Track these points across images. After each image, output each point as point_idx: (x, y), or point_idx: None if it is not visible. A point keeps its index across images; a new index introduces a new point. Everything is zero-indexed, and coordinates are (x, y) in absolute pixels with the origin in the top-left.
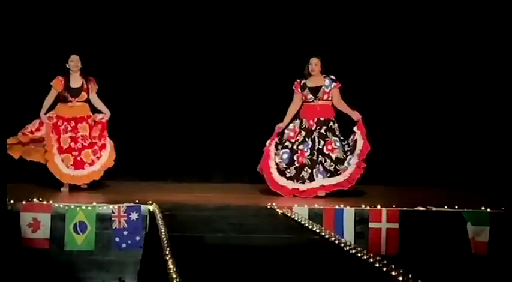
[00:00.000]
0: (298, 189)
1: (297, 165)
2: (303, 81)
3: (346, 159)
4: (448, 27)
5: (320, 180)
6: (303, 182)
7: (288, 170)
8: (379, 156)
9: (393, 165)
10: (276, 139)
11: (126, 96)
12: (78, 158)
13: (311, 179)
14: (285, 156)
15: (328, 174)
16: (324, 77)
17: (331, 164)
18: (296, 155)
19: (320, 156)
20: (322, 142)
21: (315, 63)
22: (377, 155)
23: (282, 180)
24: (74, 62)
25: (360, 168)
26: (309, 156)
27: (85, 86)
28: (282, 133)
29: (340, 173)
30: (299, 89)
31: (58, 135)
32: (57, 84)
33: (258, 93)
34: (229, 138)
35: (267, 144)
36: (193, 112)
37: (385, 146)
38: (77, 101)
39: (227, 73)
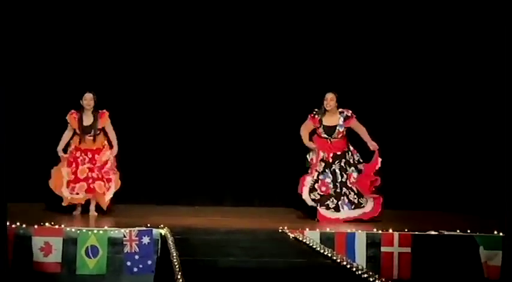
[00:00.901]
0: (330, 217)
1: (321, 193)
2: (319, 117)
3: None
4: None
5: (347, 212)
6: (328, 209)
7: (313, 194)
8: (391, 181)
9: (404, 189)
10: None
11: (138, 119)
12: (92, 186)
13: (337, 209)
14: (309, 178)
15: (353, 207)
16: (340, 113)
17: (355, 196)
18: (317, 184)
19: (344, 188)
20: (344, 175)
21: (330, 98)
22: (388, 179)
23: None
24: (87, 101)
25: (378, 201)
26: (333, 189)
27: (96, 123)
28: None
29: (363, 206)
30: (315, 123)
31: (76, 166)
32: (71, 121)
33: (270, 118)
34: (240, 162)
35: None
36: (205, 137)
37: (397, 170)
38: (89, 137)
39: (239, 99)
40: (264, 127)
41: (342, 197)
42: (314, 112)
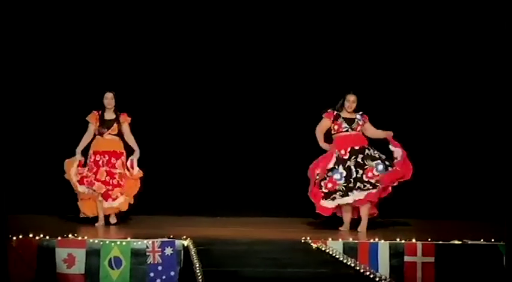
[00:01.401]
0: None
1: (325, 190)
2: (336, 112)
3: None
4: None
5: (355, 195)
6: (333, 200)
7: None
8: (413, 190)
9: (427, 199)
10: None
11: (160, 129)
12: (109, 192)
13: (344, 195)
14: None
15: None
16: (355, 113)
17: (370, 186)
18: (324, 181)
19: (359, 183)
20: (360, 171)
21: (353, 100)
22: (410, 188)
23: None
24: (108, 100)
25: (393, 173)
26: (344, 184)
27: (117, 118)
28: None
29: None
30: (331, 118)
31: (97, 168)
32: (92, 118)
33: (294, 130)
34: (263, 173)
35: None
36: (227, 147)
37: (420, 180)
38: (109, 134)
39: (261, 110)
40: (288, 138)
41: (355, 191)
42: (328, 110)
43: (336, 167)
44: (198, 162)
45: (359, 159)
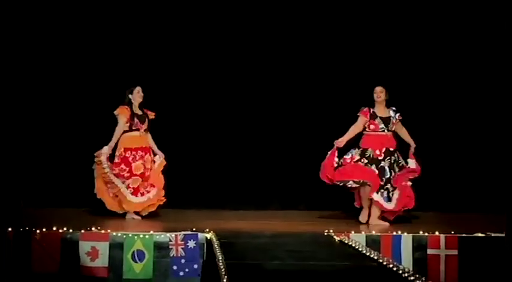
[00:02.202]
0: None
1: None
2: (372, 110)
3: None
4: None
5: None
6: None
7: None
8: (435, 183)
9: (450, 191)
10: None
11: (184, 124)
12: (141, 189)
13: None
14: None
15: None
16: (388, 108)
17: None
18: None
19: (389, 184)
20: (393, 173)
21: (380, 90)
22: (432, 181)
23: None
24: (140, 93)
25: (405, 188)
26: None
27: (146, 114)
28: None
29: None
30: (368, 117)
31: (129, 166)
32: (123, 112)
33: (315, 121)
34: (286, 166)
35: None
36: (251, 141)
37: (443, 172)
38: (144, 129)
39: (284, 103)
40: (310, 132)
41: (383, 191)
42: (364, 108)
43: (369, 166)
44: (221, 156)
45: (392, 161)
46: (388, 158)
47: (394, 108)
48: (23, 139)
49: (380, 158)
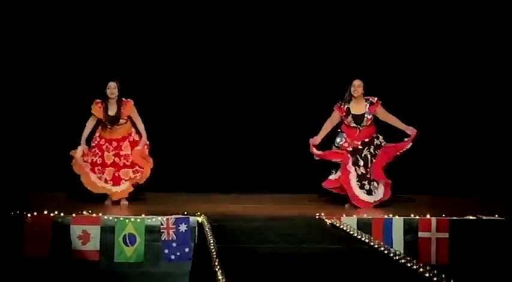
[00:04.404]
0: (369, 202)
1: (358, 173)
2: (346, 106)
3: None
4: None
5: (376, 196)
6: (367, 194)
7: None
8: (426, 166)
9: (441, 174)
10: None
11: (174, 108)
12: (116, 174)
13: (369, 193)
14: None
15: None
16: (366, 101)
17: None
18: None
19: (369, 174)
20: (374, 160)
21: (358, 85)
22: (424, 164)
23: (360, 194)
24: (111, 89)
25: (388, 186)
26: (365, 172)
27: (120, 112)
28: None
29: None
30: (342, 113)
31: (101, 152)
32: (96, 110)
33: (306, 106)
34: (276, 150)
35: (316, 156)
36: (241, 124)
37: (433, 155)
38: (116, 126)
39: (275, 87)
40: (301, 116)
41: (372, 182)
42: (339, 103)
43: (356, 155)
44: (213, 139)
45: (371, 150)
46: (367, 147)
47: (371, 100)
48: (14, 123)
49: (359, 147)
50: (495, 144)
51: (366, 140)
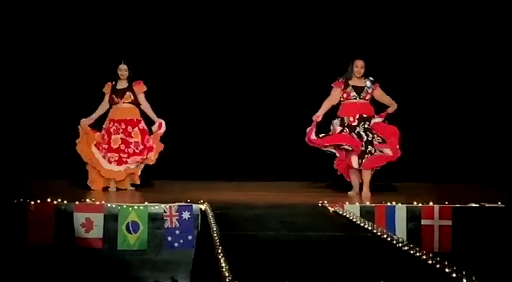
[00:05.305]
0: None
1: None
2: (345, 80)
3: None
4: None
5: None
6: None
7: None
8: (429, 153)
9: (444, 162)
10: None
11: (178, 95)
12: (124, 159)
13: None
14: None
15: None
16: (365, 79)
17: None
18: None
19: (370, 146)
20: (370, 135)
21: (361, 66)
22: (426, 152)
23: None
24: (122, 71)
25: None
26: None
27: (130, 87)
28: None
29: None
30: (341, 87)
31: (109, 136)
32: (106, 88)
33: (308, 93)
34: (279, 137)
35: (307, 131)
36: (244, 111)
37: (436, 143)
38: (124, 102)
39: (277, 74)
40: (303, 104)
41: (366, 155)
42: (338, 79)
43: (345, 131)
44: (215, 126)
45: (366, 125)
46: (361, 123)
47: (371, 79)
48: (17, 111)
49: (354, 123)
50: (499, 131)
51: (364, 115)
